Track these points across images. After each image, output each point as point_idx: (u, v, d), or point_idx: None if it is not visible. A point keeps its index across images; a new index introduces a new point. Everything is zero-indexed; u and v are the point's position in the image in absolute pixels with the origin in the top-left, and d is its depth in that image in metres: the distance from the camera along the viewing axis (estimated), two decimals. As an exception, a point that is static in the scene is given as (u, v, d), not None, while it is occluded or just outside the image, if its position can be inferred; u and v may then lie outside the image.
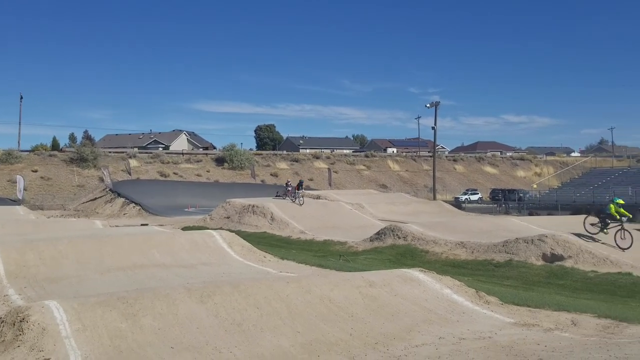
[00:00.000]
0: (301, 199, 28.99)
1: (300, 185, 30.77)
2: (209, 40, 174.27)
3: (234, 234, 15.45)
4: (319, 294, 7.65)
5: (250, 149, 77.41)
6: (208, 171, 60.79)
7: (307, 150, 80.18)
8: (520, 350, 5.88)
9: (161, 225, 25.71)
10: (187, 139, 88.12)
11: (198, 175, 59.22)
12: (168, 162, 60.01)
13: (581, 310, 8.47)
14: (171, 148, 77.26)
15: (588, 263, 13.05)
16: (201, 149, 77.97)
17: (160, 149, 75.28)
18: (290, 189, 30.59)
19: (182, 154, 65.71)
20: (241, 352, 5.83)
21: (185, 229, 22.21)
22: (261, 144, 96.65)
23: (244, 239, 15.43)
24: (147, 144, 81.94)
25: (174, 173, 58.05)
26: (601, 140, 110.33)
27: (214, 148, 79.01)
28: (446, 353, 5.85)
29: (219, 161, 63.47)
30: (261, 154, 69.91)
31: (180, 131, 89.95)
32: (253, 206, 26.57)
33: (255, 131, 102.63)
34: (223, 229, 18.44)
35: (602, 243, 14.54)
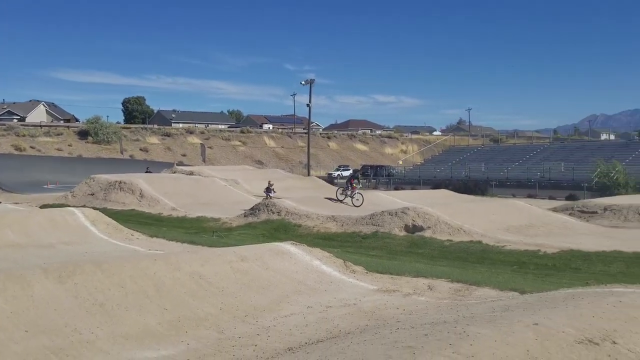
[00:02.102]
0: (358, 196, 21.49)
1: (356, 178, 23.44)
2: (70, 2, 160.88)
3: (98, 211, 14.64)
4: (189, 270, 7.53)
5: (118, 123, 73.11)
6: (70, 145, 56.49)
7: (180, 125, 77.56)
8: (381, 315, 6.27)
9: (16, 203, 23.59)
10: (46, 110, 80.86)
11: (59, 149, 54.82)
12: (24, 135, 54.76)
13: (437, 276, 9.21)
14: (27, 120, 70.40)
15: (445, 233, 14.15)
16: (62, 122, 72.13)
17: (15, 120, 68.44)
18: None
19: (41, 126, 60.20)
20: (103, 333, 5.59)
21: (44, 207, 20.59)
22: (130, 118, 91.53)
23: (110, 217, 14.69)
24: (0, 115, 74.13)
25: (31, 147, 53.19)
26: (460, 121, 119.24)
27: (77, 120, 73.62)
28: (313, 321, 6.07)
29: (83, 135, 59.23)
30: (130, 128, 66.31)
31: (38, 102, 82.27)
32: (120, 182, 25.23)
33: (123, 103, 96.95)
34: (87, 207, 17.37)
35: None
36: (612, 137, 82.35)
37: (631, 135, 61.94)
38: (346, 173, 57.20)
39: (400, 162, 62.25)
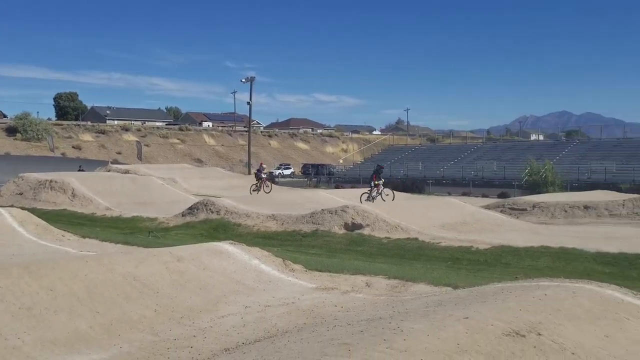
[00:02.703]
0: (388, 191, 20.76)
1: (378, 174, 21.08)
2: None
3: (26, 211, 13.96)
4: (122, 271, 7.30)
5: (49, 119, 70.01)
6: (-4, 142, 53.68)
7: (115, 122, 75.15)
8: (319, 313, 6.30)
9: None
10: (-31, 105, 76.41)
11: (-16, 147, 51.99)
12: (-56, 132, 51.63)
13: (375, 273, 9.35)
14: (-52, 115, 66.39)
15: (383, 230, 14.40)
16: (-13, 118, 68.34)
17: None
18: (271, 174, 25.33)
19: (-37, 122, 56.93)
20: (31, 338, 5.34)
21: (-35, 207, 19.46)
22: (62, 114, 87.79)
23: (40, 217, 14.05)
24: None
25: (-47, 144, 50.20)
26: (398, 120, 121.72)
27: (5, 116, 69.92)
28: (251, 321, 6.02)
29: (11, 131, 56.34)
30: (62, 125, 63.67)
31: (-39, 96, 77.65)
32: (51, 181, 24.16)
33: (54, 99, 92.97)
34: (14, 207, 16.52)
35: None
36: (541, 137, 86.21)
37: (558, 136, 65.07)
38: (287, 171, 57.22)
39: (341, 161, 62.88)
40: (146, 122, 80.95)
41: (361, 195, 20.92)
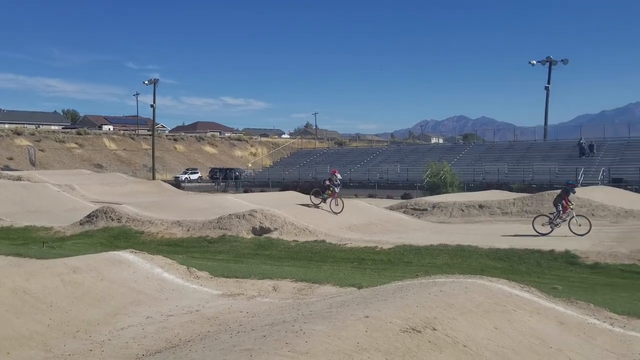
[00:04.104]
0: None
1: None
2: None
3: None
4: (11, 286, 6.80)
5: None
6: None
7: (6, 125, 69.94)
8: (224, 319, 6.22)
9: None
10: None
11: None
12: None
13: (282, 277, 9.39)
14: None
15: (291, 233, 14.47)
16: None
17: None
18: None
19: None
20: None
21: None
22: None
23: None
24: None
25: None
26: (307, 124, 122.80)
27: None
28: (152, 331, 5.83)
29: None
30: (-58, 128, 58.30)
31: None
32: None
33: None
34: None
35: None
36: (441, 140, 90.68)
37: (456, 139, 68.62)
38: (194, 176, 55.94)
39: (250, 165, 62.42)
40: (41, 126, 76.08)
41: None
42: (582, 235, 13.66)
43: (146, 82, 50.47)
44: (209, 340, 4.76)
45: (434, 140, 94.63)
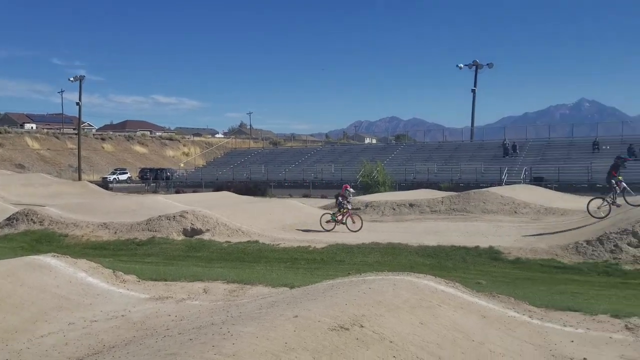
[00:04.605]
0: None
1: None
2: None
3: None
4: None
5: None
6: None
7: None
8: (151, 324, 6.05)
9: None
10: None
11: None
12: None
13: (213, 279, 9.26)
14: None
15: (223, 234, 14.27)
16: None
17: None
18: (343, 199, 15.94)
19: None
20: None
21: None
22: None
23: None
24: None
25: None
26: (241, 124, 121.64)
27: None
28: (74, 338, 5.59)
29: None
30: None
31: None
32: None
33: None
34: None
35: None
36: (374, 141, 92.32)
37: (389, 140, 70.01)
38: (123, 177, 54.09)
39: (182, 165, 61.12)
40: (-46, 124, 71.20)
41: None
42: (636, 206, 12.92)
43: (72, 78, 48.44)
44: (134, 346, 4.61)
45: (367, 141, 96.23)
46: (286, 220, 16.65)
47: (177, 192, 37.28)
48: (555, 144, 42.39)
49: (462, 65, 51.37)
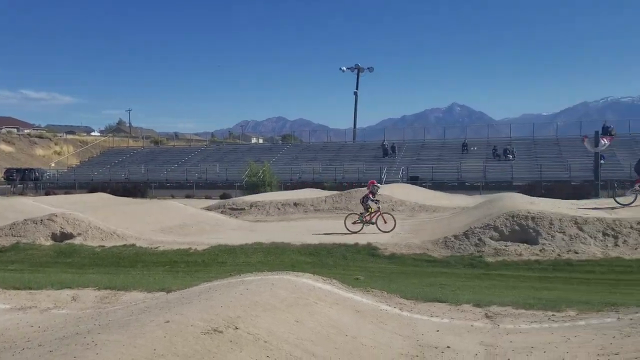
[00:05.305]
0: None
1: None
2: None
3: None
4: None
5: None
6: None
7: None
8: (10, 336, 5.56)
9: None
10: None
11: None
12: None
13: (84, 285, 8.71)
14: None
15: (97, 239, 13.50)
16: None
17: None
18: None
19: None
20: None
21: None
22: None
23: None
24: None
25: None
26: (120, 121, 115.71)
27: None
28: None
29: None
30: None
31: None
32: None
33: None
34: None
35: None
36: (261, 140, 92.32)
37: (275, 140, 70.44)
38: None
39: (53, 165, 56.89)
40: None
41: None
42: None
43: None
44: (-15, 363, 4.21)
45: (254, 140, 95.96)
46: (165, 222, 16.12)
47: (47, 193, 34.74)
48: (430, 145, 45.09)
49: (345, 68, 52.99)
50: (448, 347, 5.18)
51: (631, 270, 9.97)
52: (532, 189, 27.14)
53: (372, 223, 14.52)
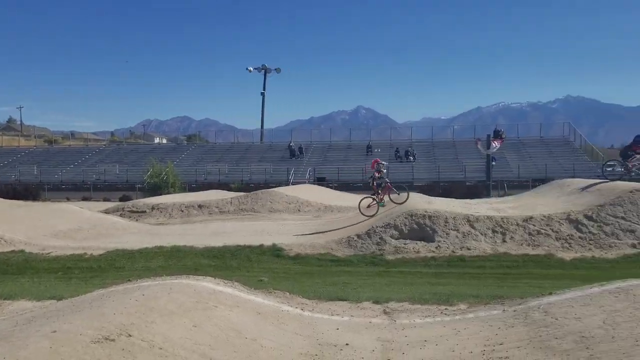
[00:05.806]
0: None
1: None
2: None
3: None
4: None
5: None
6: None
7: None
8: None
9: None
10: None
11: None
12: None
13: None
14: None
15: (-22, 246, 12.49)
16: None
17: None
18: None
19: None
20: None
21: None
22: None
23: None
24: None
25: None
26: (10, 119, 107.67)
27: None
28: None
29: None
30: None
31: None
32: None
33: None
34: None
35: None
36: (165, 140, 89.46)
37: (180, 140, 68.59)
38: None
39: None
40: None
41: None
42: None
43: None
44: None
45: (157, 140, 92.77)
46: (58, 226, 15.20)
47: None
48: (336, 147, 45.93)
49: (251, 68, 52.70)
50: (347, 344, 5.30)
51: (517, 265, 10.74)
52: (431, 189, 28.44)
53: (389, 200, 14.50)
